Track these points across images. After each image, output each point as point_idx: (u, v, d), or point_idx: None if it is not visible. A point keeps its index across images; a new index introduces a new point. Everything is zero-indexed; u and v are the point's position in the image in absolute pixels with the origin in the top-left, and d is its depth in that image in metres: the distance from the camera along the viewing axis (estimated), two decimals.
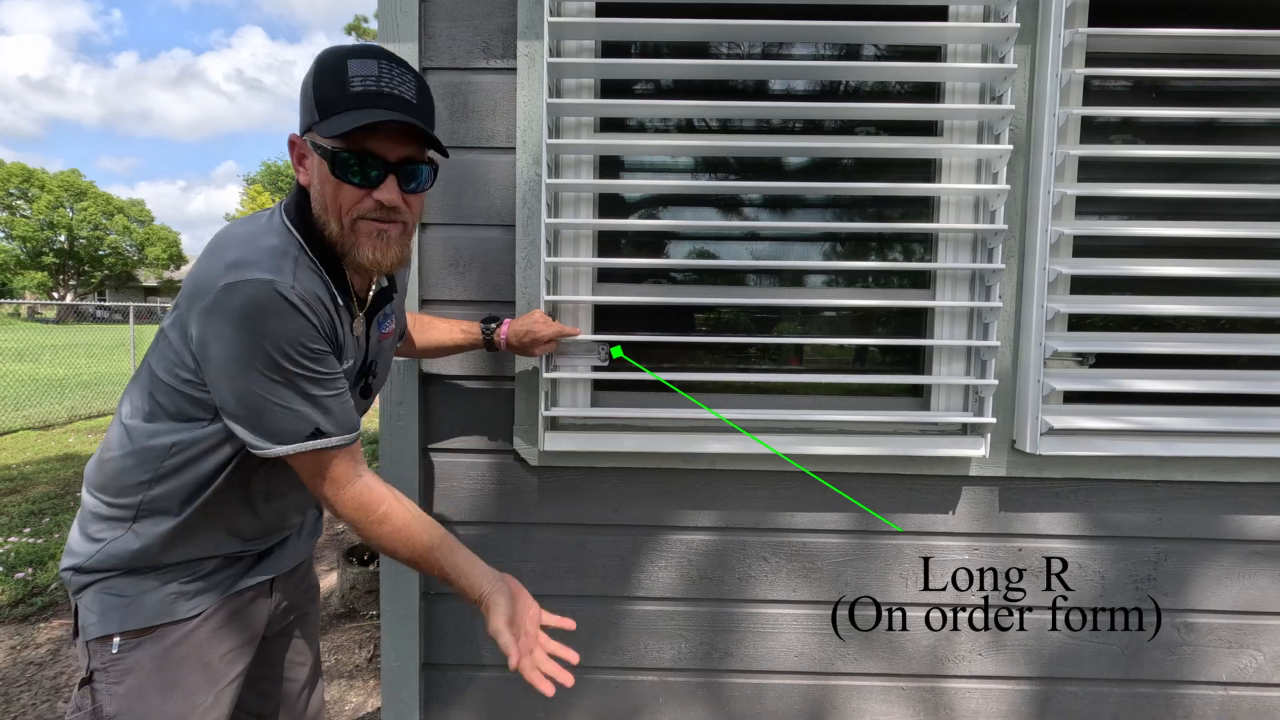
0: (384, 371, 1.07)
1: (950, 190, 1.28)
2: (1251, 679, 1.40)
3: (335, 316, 0.86)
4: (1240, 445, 1.31)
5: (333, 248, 0.87)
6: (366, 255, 0.86)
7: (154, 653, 0.89)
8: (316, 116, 0.81)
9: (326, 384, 0.84)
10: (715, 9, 1.32)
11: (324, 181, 0.83)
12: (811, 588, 1.41)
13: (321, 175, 0.83)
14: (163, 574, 0.91)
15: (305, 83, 0.83)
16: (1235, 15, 1.31)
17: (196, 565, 0.93)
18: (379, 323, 1.01)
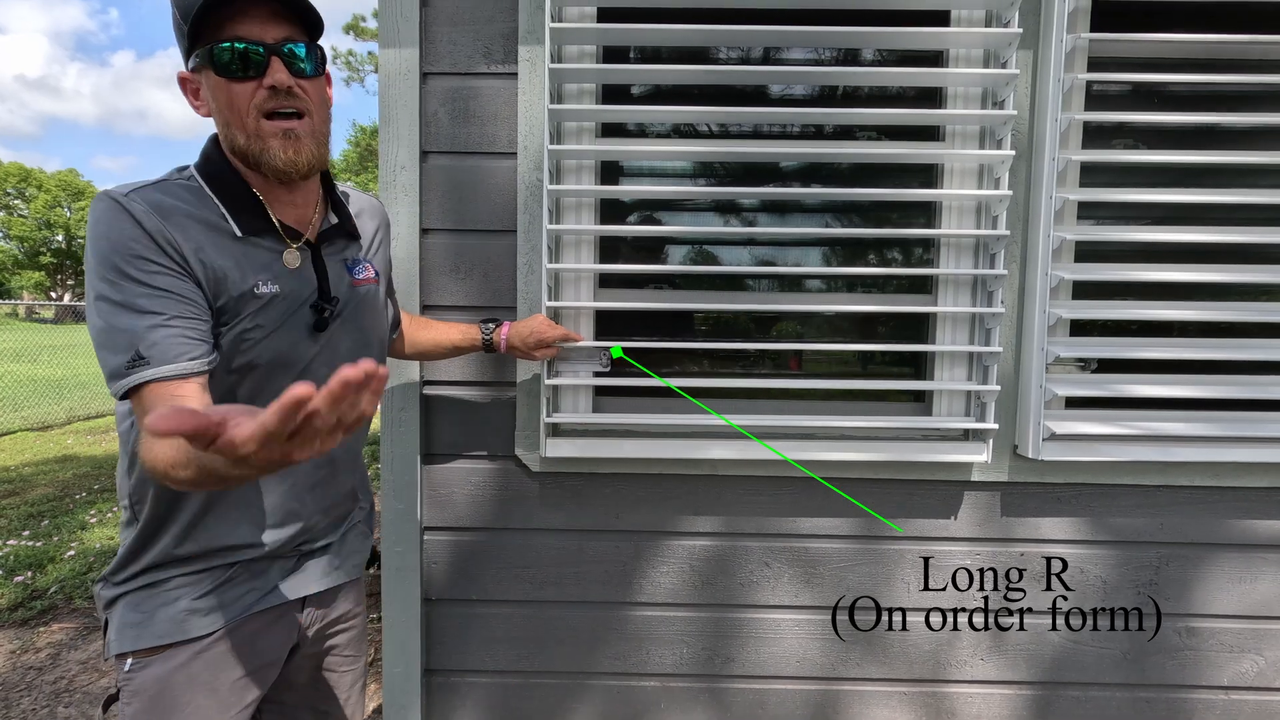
0: (364, 319, 0.99)
1: (952, 196, 1.28)
2: (1253, 684, 1.40)
3: (211, 237, 0.81)
4: (1242, 450, 1.31)
5: (248, 164, 0.84)
6: (279, 157, 0.83)
7: (160, 674, 0.86)
8: (186, 29, 0.79)
9: (158, 299, 0.76)
10: (716, 14, 1.32)
11: (216, 92, 0.81)
12: (813, 593, 1.41)
13: (212, 88, 0.81)
14: (181, 582, 0.88)
15: (172, 12, 0.82)
16: (1237, 20, 1.31)
17: (216, 572, 0.89)
18: (348, 266, 0.96)
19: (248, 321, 0.83)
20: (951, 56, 1.33)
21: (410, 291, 1.35)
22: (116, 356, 0.74)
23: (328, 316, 0.91)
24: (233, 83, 0.80)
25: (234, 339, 0.82)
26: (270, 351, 0.85)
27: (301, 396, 0.46)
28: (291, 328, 0.87)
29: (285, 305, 0.87)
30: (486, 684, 1.44)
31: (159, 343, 0.75)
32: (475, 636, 1.43)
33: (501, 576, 1.42)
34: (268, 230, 0.87)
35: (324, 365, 0.92)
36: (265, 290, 0.85)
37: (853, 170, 1.41)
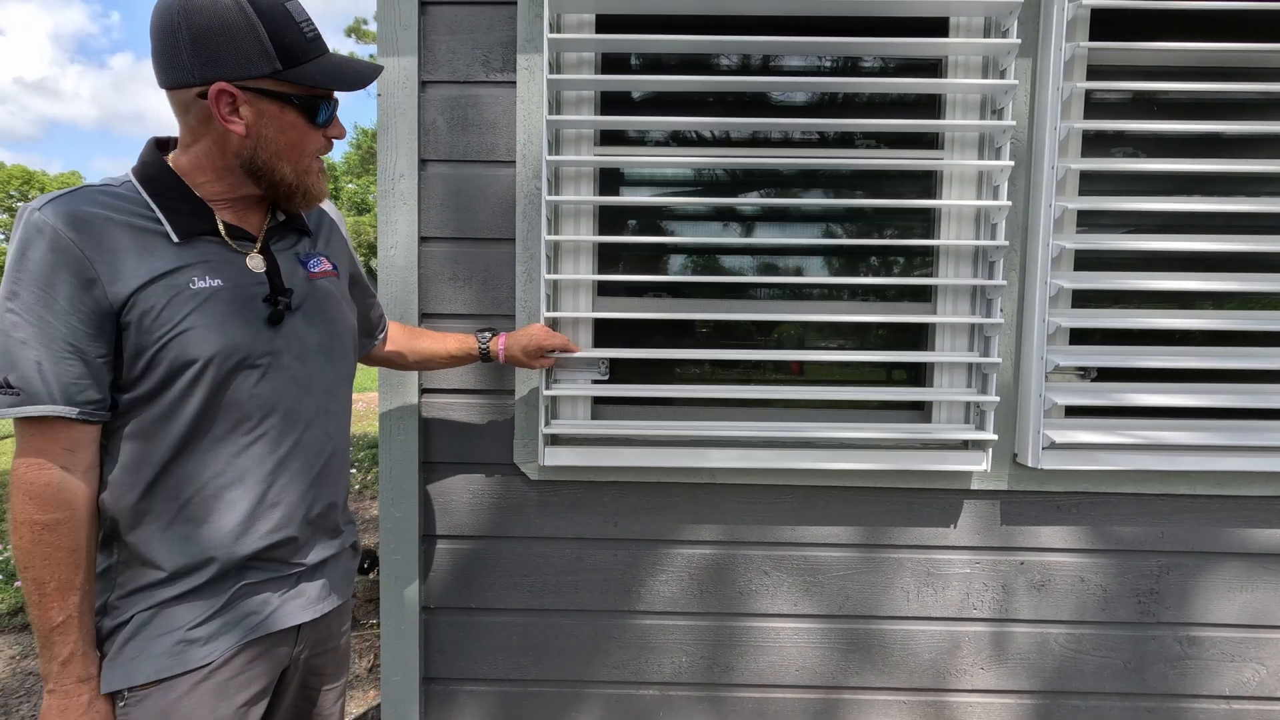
0: (328, 310, 0.98)
1: (952, 205, 1.28)
2: (1255, 693, 1.40)
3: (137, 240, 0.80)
4: (1242, 459, 1.31)
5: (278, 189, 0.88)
6: (320, 190, 0.92)
7: (160, 706, 0.82)
8: (279, 65, 0.82)
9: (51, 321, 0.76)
10: (717, 22, 1.32)
11: (286, 129, 0.85)
12: (813, 601, 1.40)
13: (283, 124, 0.85)
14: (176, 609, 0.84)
15: (240, 29, 0.80)
16: (1236, 28, 1.31)
17: (210, 596, 0.86)
18: (301, 260, 0.96)
19: (187, 319, 0.81)
20: (950, 64, 1.32)
21: (409, 299, 1.36)
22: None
23: (282, 309, 0.90)
24: (311, 128, 0.88)
25: (175, 338, 0.80)
26: (215, 346, 0.83)
27: None
28: (244, 321, 0.85)
29: (230, 298, 0.85)
30: (486, 693, 1.43)
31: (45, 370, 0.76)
32: (474, 645, 1.42)
33: (500, 585, 1.42)
34: (209, 234, 0.86)
35: (294, 359, 0.91)
36: (202, 284, 0.83)
37: (852, 177, 1.41)
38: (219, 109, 0.82)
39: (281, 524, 0.91)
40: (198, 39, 0.80)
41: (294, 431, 0.91)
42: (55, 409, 0.76)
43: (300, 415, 0.92)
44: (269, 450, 0.89)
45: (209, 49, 0.80)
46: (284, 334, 0.90)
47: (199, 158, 0.86)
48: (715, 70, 1.41)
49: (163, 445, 0.83)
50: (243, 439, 0.87)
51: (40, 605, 0.78)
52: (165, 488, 0.84)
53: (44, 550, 0.77)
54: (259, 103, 0.83)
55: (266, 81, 0.82)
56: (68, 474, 0.78)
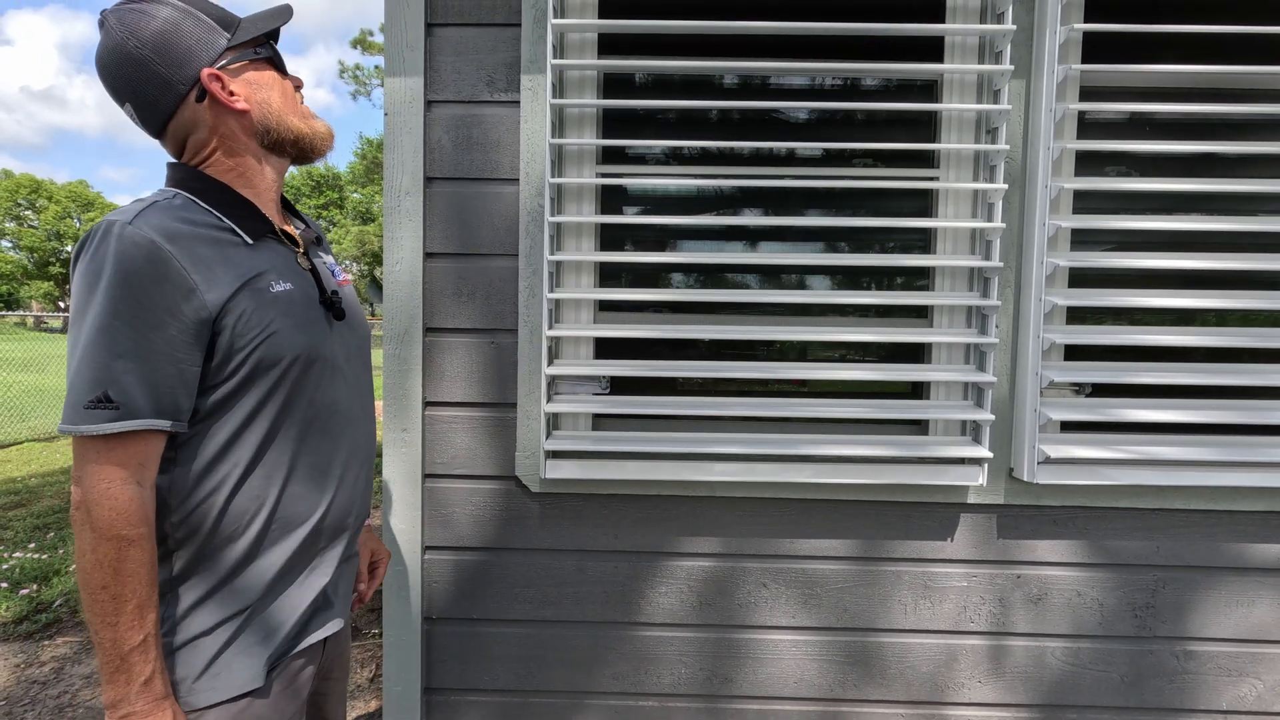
0: (356, 316, 1.02)
1: (948, 226, 1.30)
2: (1251, 707, 1.40)
3: (221, 251, 0.82)
4: (1237, 474, 1.32)
5: (292, 149, 0.93)
6: (324, 128, 0.96)
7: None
8: (228, 35, 0.87)
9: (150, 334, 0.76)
10: (717, 42, 1.35)
11: (271, 86, 0.90)
12: (811, 614, 1.42)
13: (267, 82, 0.90)
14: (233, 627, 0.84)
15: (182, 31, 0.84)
16: (1225, 50, 1.33)
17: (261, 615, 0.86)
18: (330, 268, 1.02)
19: (275, 322, 0.84)
20: (946, 85, 1.35)
21: (414, 314, 1.38)
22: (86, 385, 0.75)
23: (340, 309, 0.95)
24: (283, 77, 0.92)
25: (265, 340, 0.83)
26: (299, 346, 0.86)
27: None
28: (312, 322, 0.89)
29: (300, 301, 0.89)
30: (486, 703, 1.44)
31: (147, 379, 0.76)
32: (475, 655, 1.44)
33: (502, 596, 1.43)
34: (270, 233, 0.90)
35: (345, 360, 0.95)
36: (280, 288, 0.86)
37: (851, 195, 1.43)
38: (221, 93, 0.86)
39: (343, 525, 0.95)
40: (161, 50, 0.83)
41: (351, 431, 0.95)
42: (152, 423, 0.76)
43: (353, 415, 0.96)
44: (335, 449, 0.92)
45: (175, 51, 0.84)
46: (337, 335, 0.94)
47: (221, 162, 0.89)
48: (716, 88, 1.44)
49: (245, 447, 0.84)
50: (315, 439, 0.89)
51: (118, 625, 0.75)
52: (248, 491, 0.84)
53: (130, 567, 0.75)
54: (241, 74, 0.88)
55: (230, 53, 0.87)
56: (142, 488, 0.77)
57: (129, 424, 0.75)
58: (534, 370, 1.38)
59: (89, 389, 0.74)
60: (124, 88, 0.85)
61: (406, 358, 1.38)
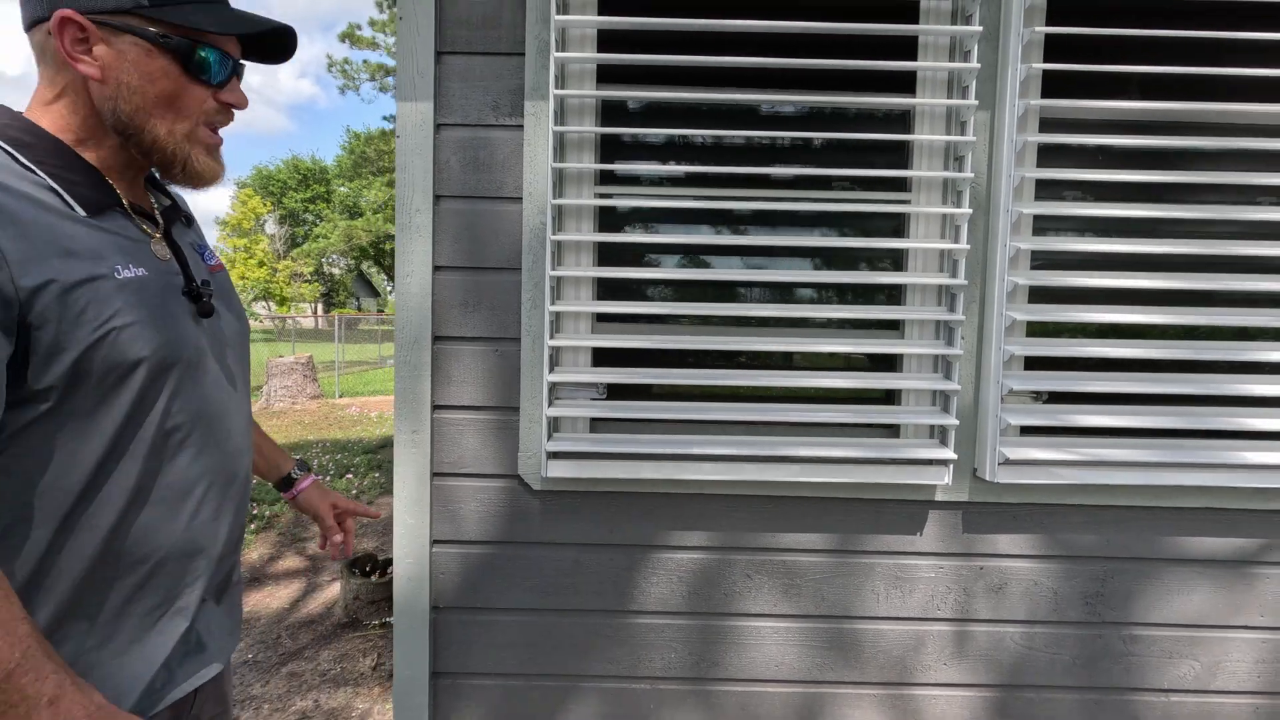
0: (234, 305, 0.92)
1: (917, 247, 1.42)
2: (1190, 686, 1.54)
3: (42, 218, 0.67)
4: (1178, 474, 1.45)
5: (152, 155, 0.77)
6: (208, 169, 0.79)
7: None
8: (145, 1, 0.72)
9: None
10: (708, 75, 1.45)
11: (153, 78, 0.73)
12: (791, 603, 1.53)
13: (149, 70, 0.73)
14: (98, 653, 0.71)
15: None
16: (1172, 87, 1.46)
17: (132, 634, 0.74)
18: (198, 250, 0.89)
19: (119, 315, 0.69)
20: (918, 115, 1.47)
21: (424, 323, 1.48)
22: None
23: (209, 303, 0.82)
24: (192, 83, 0.76)
25: (102, 330, 0.68)
26: (151, 345, 0.72)
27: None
28: (171, 316, 0.76)
29: (156, 291, 0.75)
30: (490, 686, 1.55)
31: None
32: (480, 642, 1.54)
33: (504, 586, 1.54)
34: (114, 208, 0.75)
35: (216, 359, 0.83)
36: (128, 274, 0.72)
37: (830, 216, 1.55)
38: (61, 40, 0.70)
39: (210, 554, 0.81)
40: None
41: (220, 443, 0.81)
42: None
43: (224, 425, 0.82)
44: (199, 466, 0.79)
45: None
46: (205, 331, 0.82)
47: (63, 116, 0.74)
48: (707, 115, 1.54)
49: (79, 467, 0.68)
50: (172, 456, 0.76)
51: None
52: (81, 521, 0.69)
53: None
54: (117, 41, 0.71)
55: (129, 18, 0.71)
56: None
57: None
58: (535, 377, 1.48)
59: None
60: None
61: (417, 364, 1.48)
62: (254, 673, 2.27)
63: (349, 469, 5.19)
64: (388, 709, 2.09)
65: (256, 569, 3.22)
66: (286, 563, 3.33)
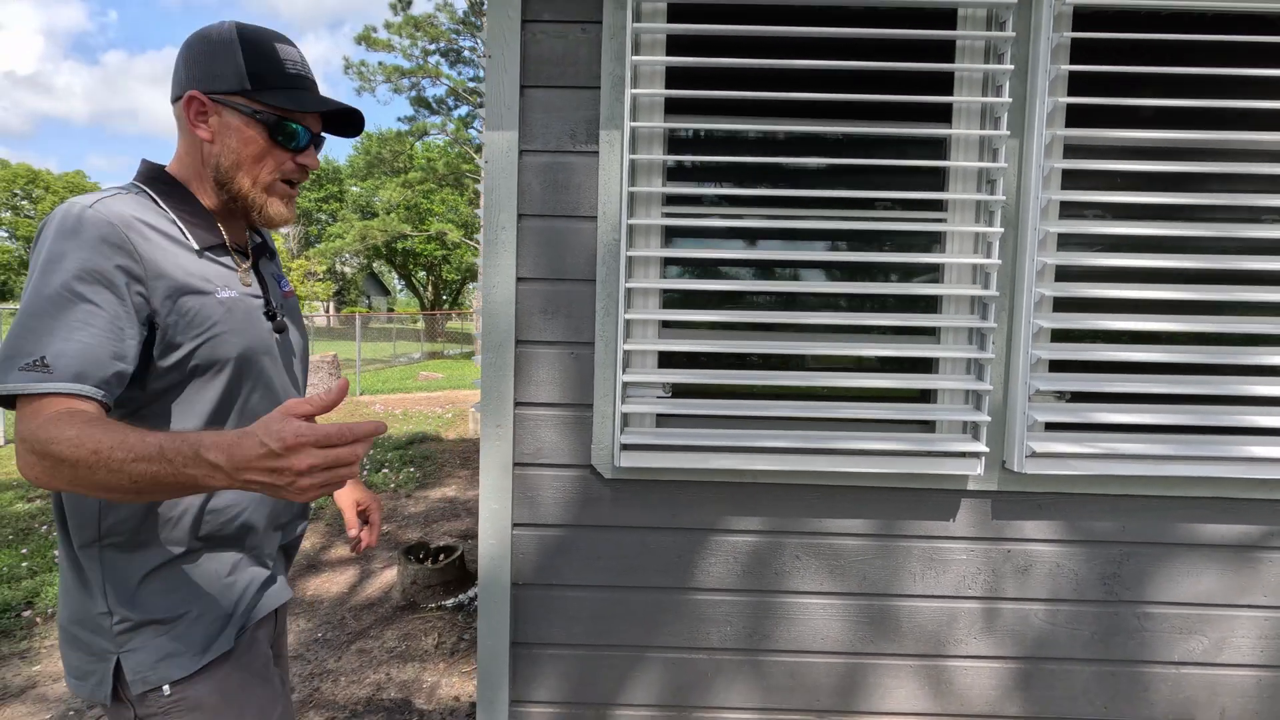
0: (298, 323, 1.16)
1: (954, 262, 1.58)
2: (1199, 659, 1.70)
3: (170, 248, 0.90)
4: (1189, 467, 1.60)
5: (233, 202, 0.99)
6: (280, 215, 1.01)
7: (216, 680, 0.96)
8: (249, 85, 0.94)
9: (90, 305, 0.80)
10: (768, 107, 1.62)
11: (247, 142, 0.96)
12: (836, 581, 1.70)
13: (245, 137, 0.96)
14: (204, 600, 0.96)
15: (221, 49, 0.94)
16: (1189, 117, 1.61)
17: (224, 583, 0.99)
18: (276, 279, 1.13)
19: (218, 325, 0.92)
20: (953, 143, 1.63)
21: (509, 329, 1.65)
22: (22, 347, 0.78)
23: (283, 321, 1.06)
24: (275, 147, 0.99)
25: (204, 336, 0.91)
26: (240, 348, 0.96)
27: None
28: (253, 329, 0.99)
29: (243, 310, 0.98)
30: (564, 655, 1.72)
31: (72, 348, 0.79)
32: (555, 615, 1.72)
33: (577, 565, 1.71)
34: (219, 245, 0.99)
35: (286, 365, 1.08)
36: (225, 295, 0.95)
37: (874, 234, 1.71)
38: (188, 112, 0.95)
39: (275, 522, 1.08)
40: (190, 55, 0.96)
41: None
42: (81, 388, 0.78)
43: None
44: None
45: (195, 62, 0.95)
46: (280, 343, 1.06)
47: (187, 168, 0.99)
48: (765, 143, 1.71)
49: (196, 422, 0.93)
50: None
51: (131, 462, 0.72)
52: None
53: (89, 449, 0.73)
54: (225, 114, 0.95)
55: (237, 98, 0.95)
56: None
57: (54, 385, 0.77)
58: (608, 377, 1.65)
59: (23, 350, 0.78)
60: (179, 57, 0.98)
61: (502, 365, 1.66)
62: (326, 649, 2.46)
63: (383, 464, 5.39)
64: (454, 681, 2.27)
65: (311, 557, 3.42)
66: (339, 551, 3.52)
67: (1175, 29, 1.56)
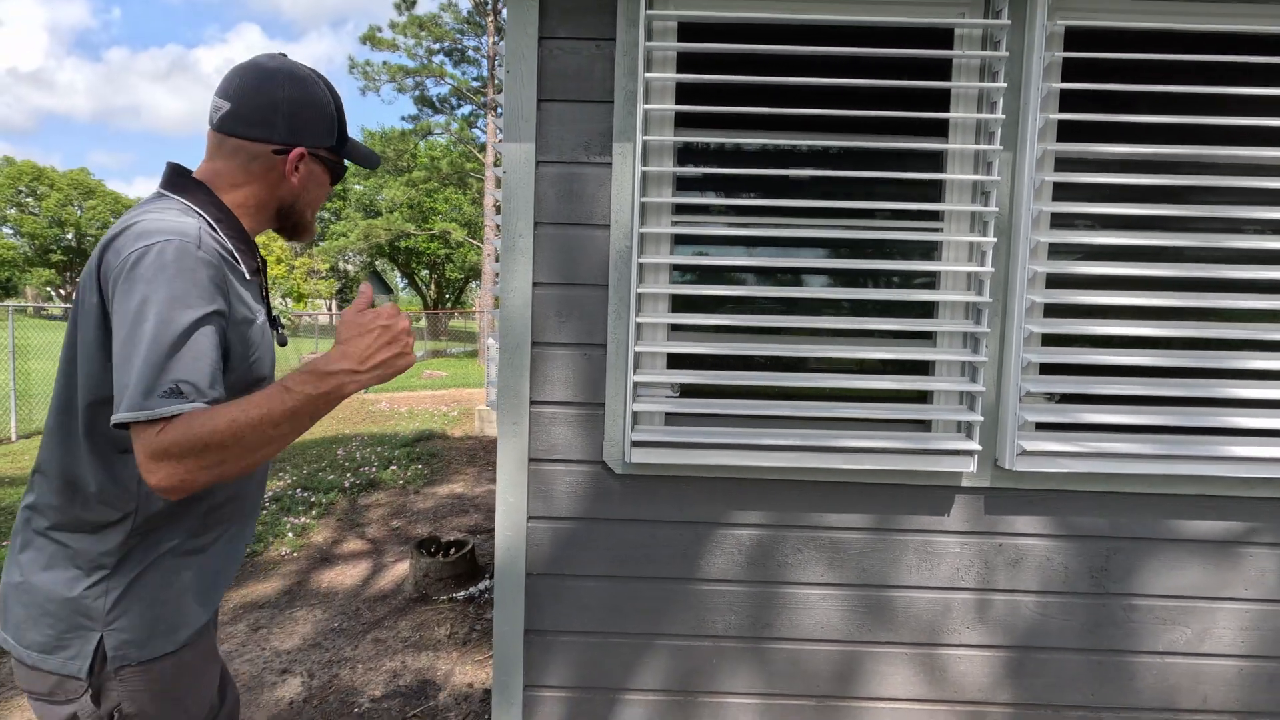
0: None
1: (949, 269, 1.66)
2: (1182, 649, 1.78)
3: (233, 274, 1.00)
4: (1174, 465, 1.68)
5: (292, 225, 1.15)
6: (312, 232, 1.20)
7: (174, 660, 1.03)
8: (334, 142, 1.11)
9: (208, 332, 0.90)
10: (770, 122, 1.70)
11: (322, 185, 1.14)
12: (835, 573, 1.78)
13: (322, 181, 1.13)
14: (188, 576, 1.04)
15: (323, 114, 1.08)
16: (1175, 130, 1.69)
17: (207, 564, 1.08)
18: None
19: (259, 348, 1.04)
20: (950, 157, 1.71)
21: (524, 332, 1.73)
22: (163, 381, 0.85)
23: (281, 332, 1.19)
24: (329, 187, 1.18)
25: (250, 359, 1.02)
26: (268, 366, 1.07)
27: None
28: (270, 345, 1.10)
29: (265, 329, 1.08)
30: (575, 642, 1.81)
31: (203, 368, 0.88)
32: (567, 604, 1.80)
33: (588, 556, 1.79)
34: (257, 271, 1.11)
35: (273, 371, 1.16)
36: (260, 320, 1.06)
37: (874, 243, 1.79)
38: (288, 167, 1.06)
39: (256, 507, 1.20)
40: (296, 114, 1.04)
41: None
42: (201, 405, 0.86)
43: None
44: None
45: (304, 120, 1.05)
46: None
47: (248, 199, 1.06)
48: (769, 156, 1.79)
49: None
50: None
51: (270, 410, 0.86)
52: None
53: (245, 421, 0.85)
54: (314, 165, 1.10)
55: (326, 153, 1.11)
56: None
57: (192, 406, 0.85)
58: (619, 377, 1.73)
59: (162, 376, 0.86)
60: (249, 97, 1.02)
61: (519, 365, 1.74)
62: (343, 638, 2.54)
63: (391, 461, 5.48)
64: (467, 669, 2.36)
65: (324, 550, 3.51)
66: (349, 545, 3.61)
67: (1163, 49, 1.64)
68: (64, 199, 43.85)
